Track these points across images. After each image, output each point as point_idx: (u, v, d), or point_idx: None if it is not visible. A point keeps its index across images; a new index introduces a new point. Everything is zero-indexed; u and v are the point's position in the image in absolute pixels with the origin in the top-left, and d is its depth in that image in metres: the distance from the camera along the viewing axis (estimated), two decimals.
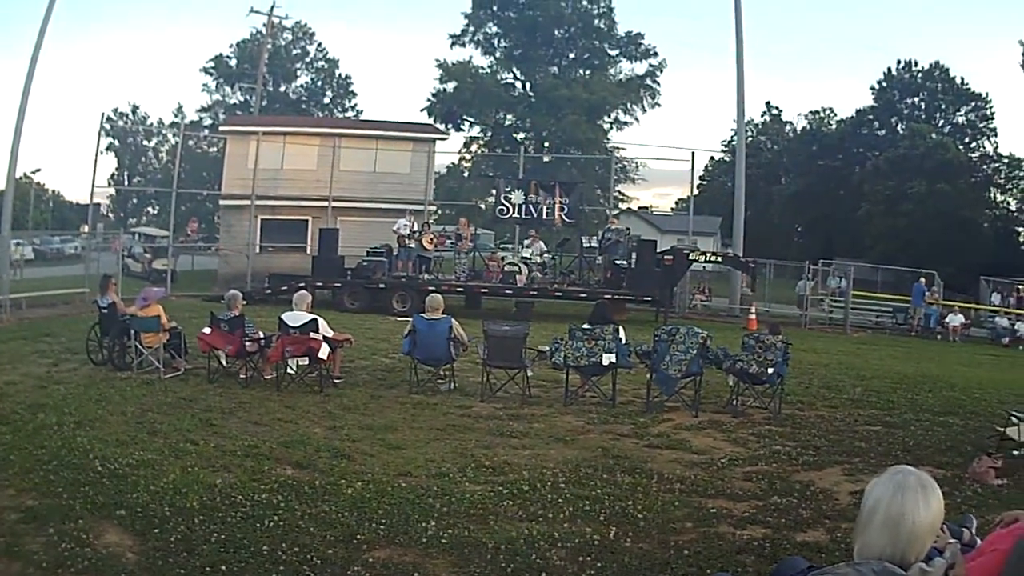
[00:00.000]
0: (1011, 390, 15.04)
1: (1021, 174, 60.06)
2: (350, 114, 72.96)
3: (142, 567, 5.36)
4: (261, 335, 12.01)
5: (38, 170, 69.20)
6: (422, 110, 60.62)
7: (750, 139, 64.85)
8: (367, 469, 7.58)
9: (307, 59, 75.35)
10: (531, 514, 6.53)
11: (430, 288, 20.19)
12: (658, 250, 25.88)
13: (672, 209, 76.38)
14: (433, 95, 60.29)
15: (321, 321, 11.46)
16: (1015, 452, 8.82)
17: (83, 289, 23.03)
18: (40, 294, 23.32)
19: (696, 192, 45.22)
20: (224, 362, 11.96)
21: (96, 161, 45.62)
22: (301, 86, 75.05)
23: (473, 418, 10.04)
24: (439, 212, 39.04)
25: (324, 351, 11.18)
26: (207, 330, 11.99)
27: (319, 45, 75.58)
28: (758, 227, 50.33)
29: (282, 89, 72.70)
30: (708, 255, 27.68)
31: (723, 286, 32.93)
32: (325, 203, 30.35)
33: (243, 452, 7.98)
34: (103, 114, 32.05)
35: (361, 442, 8.62)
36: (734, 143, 42.76)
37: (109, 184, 75.99)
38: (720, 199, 57.59)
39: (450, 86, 59.49)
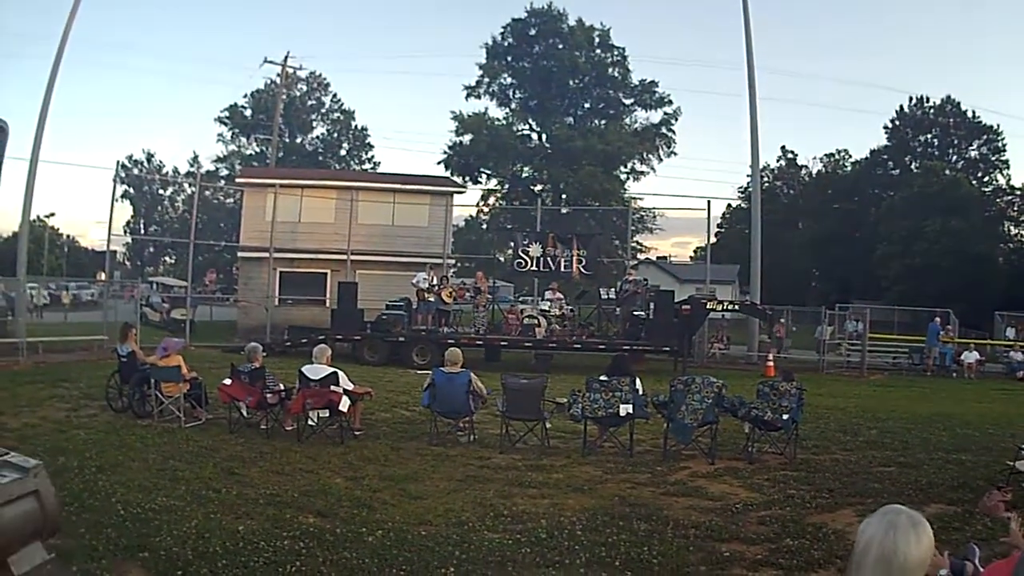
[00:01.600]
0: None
1: None
2: (367, 166, 73.24)
3: None
4: (282, 387, 12.17)
5: (52, 214, 69.66)
6: (439, 162, 60.80)
7: (766, 185, 64.87)
8: (388, 518, 7.64)
9: (322, 110, 75.42)
10: (548, 560, 6.60)
11: (449, 341, 20.35)
12: (676, 300, 25.94)
13: (691, 258, 76.13)
14: (449, 147, 60.37)
15: (341, 374, 11.57)
16: None
17: (102, 336, 23.31)
18: (57, 339, 23.47)
19: (714, 240, 45.37)
20: (245, 413, 12.05)
21: (112, 208, 46.34)
22: (317, 137, 75.05)
23: (492, 469, 10.08)
24: (458, 265, 39.12)
25: (344, 403, 11.30)
26: (228, 381, 12.13)
27: (334, 96, 75.82)
28: (776, 273, 50.15)
29: (298, 140, 72.79)
30: (725, 304, 27.69)
31: (741, 334, 32.89)
32: (343, 256, 30.78)
33: (265, 500, 8.07)
34: (118, 162, 32.91)
35: (382, 492, 8.69)
36: (750, 190, 42.80)
37: (125, 232, 76.35)
38: (738, 246, 57.46)
39: (466, 138, 59.51)
